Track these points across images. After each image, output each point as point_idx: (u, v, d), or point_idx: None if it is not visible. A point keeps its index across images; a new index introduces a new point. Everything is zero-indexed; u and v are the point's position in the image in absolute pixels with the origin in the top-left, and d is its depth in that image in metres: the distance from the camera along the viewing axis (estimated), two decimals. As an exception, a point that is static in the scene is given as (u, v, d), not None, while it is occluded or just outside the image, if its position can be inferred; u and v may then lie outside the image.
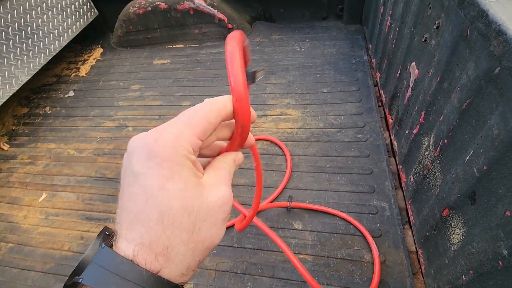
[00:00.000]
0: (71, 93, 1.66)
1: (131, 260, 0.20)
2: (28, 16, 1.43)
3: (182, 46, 1.80)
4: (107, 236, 0.22)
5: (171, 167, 0.21)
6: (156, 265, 0.20)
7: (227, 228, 0.94)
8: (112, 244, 0.21)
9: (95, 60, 1.87)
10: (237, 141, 0.28)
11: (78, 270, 0.20)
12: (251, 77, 0.28)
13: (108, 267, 0.19)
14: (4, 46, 1.32)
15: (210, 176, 0.24)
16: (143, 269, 0.20)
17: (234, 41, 0.26)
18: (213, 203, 0.22)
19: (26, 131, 1.50)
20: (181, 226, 0.21)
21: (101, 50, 1.94)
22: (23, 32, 1.41)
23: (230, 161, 0.27)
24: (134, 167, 0.21)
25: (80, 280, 0.20)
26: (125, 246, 0.20)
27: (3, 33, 1.32)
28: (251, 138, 0.29)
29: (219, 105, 0.24)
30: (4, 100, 1.32)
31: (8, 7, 1.33)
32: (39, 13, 1.48)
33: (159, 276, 0.20)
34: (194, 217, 0.21)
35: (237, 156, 0.29)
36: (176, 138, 0.21)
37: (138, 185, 0.21)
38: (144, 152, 0.21)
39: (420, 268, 0.78)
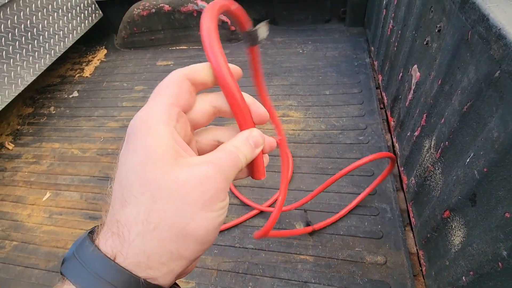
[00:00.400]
0: (75, 94, 1.68)
1: (95, 245, 0.18)
2: (34, 17, 1.45)
3: (186, 47, 1.81)
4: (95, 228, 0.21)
5: (137, 138, 0.19)
6: (112, 247, 0.18)
7: (229, 228, 0.95)
8: (95, 231, 0.21)
9: (99, 61, 1.89)
10: (237, 116, 0.24)
11: (64, 259, 0.20)
12: (252, 38, 0.27)
13: (80, 258, 0.18)
14: (11, 47, 1.34)
15: (203, 156, 0.21)
16: (100, 253, 0.18)
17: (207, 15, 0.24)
18: (183, 181, 0.18)
19: (30, 131, 1.51)
20: (138, 202, 0.18)
21: (105, 51, 1.96)
22: (29, 33, 1.43)
23: (239, 141, 0.22)
24: (130, 138, 0.20)
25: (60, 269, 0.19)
26: (101, 235, 0.19)
27: (10, 34, 1.33)
28: (256, 107, 0.25)
29: (186, 70, 0.22)
30: (10, 100, 1.33)
31: (15, 8, 1.35)
32: (45, 14, 1.50)
33: (111, 261, 0.18)
34: (153, 193, 0.18)
35: (251, 134, 0.23)
36: (144, 110, 0.20)
37: (117, 165, 0.20)
38: (127, 133, 0.20)
39: (421, 269, 0.79)
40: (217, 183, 0.19)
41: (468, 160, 0.55)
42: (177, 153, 0.19)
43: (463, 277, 0.56)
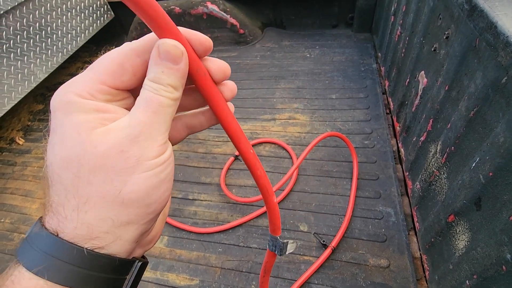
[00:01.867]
0: (85, 92, 1.71)
1: (41, 224, 0.19)
2: (48, 16, 1.48)
3: (194, 49, 1.84)
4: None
5: (56, 116, 0.19)
6: (54, 225, 0.18)
7: (234, 227, 0.96)
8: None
9: (109, 60, 1.92)
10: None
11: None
12: (280, 248, 0.31)
13: (28, 236, 0.19)
14: (25, 44, 1.38)
15: (121, 119, 0.19)
16: (44, 229, 0.18)
17: None
18: (104, 150, 0.18)
19: (40, 127, 1.54)
20: (62, 180, 0.18)
21: (115, 51, 1.99)
22: (43, 31, 1.46)
23: (149, 73, 0.19)
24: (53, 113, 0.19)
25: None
26: (48, 216, 0.19)
27: (25, 32, 1.37)
28: (212, 63, 0.22)
29: (134, 44, 0.20)
30: (22, 96, 1.36)
31: (31, 7, 1.39)
32: (59, 14, 1.54)
33: (57, 236, 0.18)
34: (75, 169, 0.18)
35: (160, 47, 0.19)
36: (66, 85, 0.19)
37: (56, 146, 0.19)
38: (57, 101, 0.19)
39: (424, 274, 0.79)
40: (140, 143, 0.18)
41: (473, 165, 0.56)
42: (97, 123, 0.18)
43: (467, 281, 0.57)
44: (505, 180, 0.48)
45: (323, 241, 0.87)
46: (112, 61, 0.19)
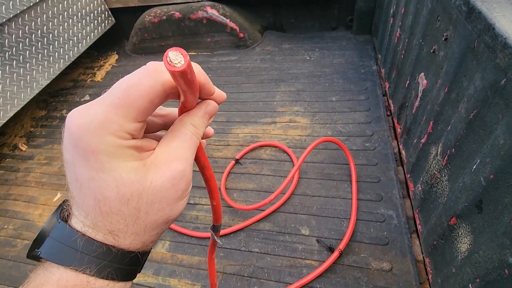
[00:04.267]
0: (87, 97, 1.72)
1: (84, 234, 0.20)
2: (50, 23, 1.50)
3: (195, 53, 1.85)
4: (63, 211, 0.21)
5: (99, 159, 0.18)
6: (107, 242, 0.20)
7: (235, 232, 0.96)
8: (67, 218, 0.21)
9: (111, 66, 1.94)
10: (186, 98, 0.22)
11: (38, 243, 0.20)
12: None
13: (65, 241, 0.20)
14: (27, 51, 1.39)
15: (161, 151, 0.21)
16: (97, 242, 0.20)
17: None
18: (159, 186, 0.20)
19: (43, 133, 1.55)
20: (122, 214, 0.20)
21: (117, 56, 2.01)
22: (45, 39, 1.48)
23: (194, 119, 0.23)
24: (64, 154, 0.19)
25: (38, 254, 0.20)
26: (75, 223, 0.20)
27: (27, 39, 1.39)
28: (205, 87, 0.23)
29: (163, 78, 0.20)
30: (25, 103, 1.38)
31: (33, 15, 1.41)
32: (60, 21, 1.56)
33: (114, 247, 0.20)
34: (136, 204, 0.20)
35: (208, 108, 0.24)
36: (101, 125, 0.18)
37: (70, 172, 0.19)
38: (69, 139, 0.19)
39: (427, 277, 0.78)
40: (186, 176, 0.22)
41: (474, 167, 0.56)
42: (139, 158, 0.20)
43: (470, 284, 0.56)
44: (506, 183, 0.47)
45: (330, 245, 0.86)
46: (143, 98, 0.19)
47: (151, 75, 0.20)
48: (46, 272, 0.20)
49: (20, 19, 1.35)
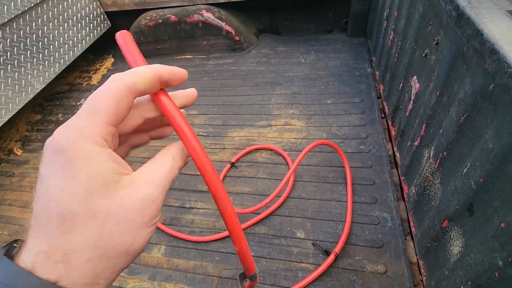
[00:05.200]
0: (83, 101, 1.71)
1: (29, 271, 0.18)
2: (45, 27, 1.50)
3: (191, 56, 1.85)
4: (13, 247, 0.20)
5: (74, 166, 0.18)
6: (55, 274, 0.18)
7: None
8: (14, 255, 0.19)
9: (107, 69, 1.94)
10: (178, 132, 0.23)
11: None
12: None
13: (4, 279, 0.17)
14: (22, 56, 1.39)
15: (138, 174, 0.21)
16: (38, 278, 0.18)
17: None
18: (129, 205, 0.20)
19: (39, 137, 1.55)
20: (84, 230, 0.18)
21: (113, 60, 2.01)
22: (40, 42, 1.48)
23: (174, 152, 0.24)
24: (40, 168, 0.19)
25: None
26: (25, 256, 0.19)
27: (22, 43, 1.38)
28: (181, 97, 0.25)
29: (129, 80, 0.21)
30: (20, 107, 1.37)
31: (27, 19, 1.40)
32: (56, 24, 1.56)
33: (54, 284, 0.18)
34: (101, 221, 0.19)
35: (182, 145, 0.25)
36: (77, 131, 0.19)
37: (42, 187, 0.19)
38: (48, 152, 0.19)
39: (422, 279, 0.79)
40: (157, 203, 0.21)
41: (465, 171, 0.56)
42: (118, 174, 0.20)
43: (462, 287, 0.57)
44: (495, 186, 0.48)
45: (326, 248, 0.86)
46: (110, 100, 0.20)
47: (113, 80, 0.21)
48: None
49: (14, 24, 1.35)
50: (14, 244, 0.20)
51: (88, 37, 1.76)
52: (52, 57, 1.54)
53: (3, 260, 0.19)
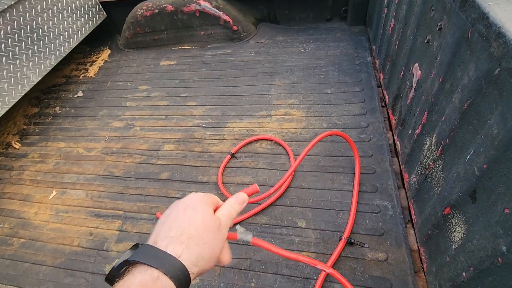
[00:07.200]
0: (80, 94, 1.70)
1: (163, 250, 0.34)
2: (39, 19, 1.47)
3: (188, 47, 1.83)
4: (138, 245, 0.35)
5: (200, 209, 0.39)
6: (179, 250, 0.34)
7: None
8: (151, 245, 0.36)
9: (103, 61, 1.91)
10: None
11: (122, 266, 0.34)
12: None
13: (155, 253, 0.33)
14: (17, 48, 1.36)
15: (219, 213, 0.41)
16: (169, 255, 0.33)
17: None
18: (211, 224, 0.38)
19: (36, 130, 1.53)
20: (198, 231, 0.37)
21: (109, 51, 1.98)
22: (35, 34, 1.45)
23: (233, 202, 0.44)
24: (189, 203, 0.39)
25: (130, 258, 0.33)
26: (160, 242, 0.34)
27: (16, 35, 1.36)
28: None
29: (240, 208, 0.44)
30: (16, 100, 1.35)
31: (21, 10, 1.37)
32: (50, 16, 1.52)
33: (178, 260, 0.33)
34: (206, 230, 0.37)
35: (239, 196, 0.45)
36: (206, 198, 0.41)
37: (184, 213, 0.38)
38: (195, 200, 0.40)
39: (422, 266, 0.79)
40: (222, 229, 0.40)
41: (468, 157, 0.56)
42: (213, 213, 0.40)
43: (464, 273, 0.57)
44: (499, 172, 0.48)
45: (352, 239, 0.86)
46: (216, 199, 0.43)
47: (236, 206, 0.44)
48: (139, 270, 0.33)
49: (8, 14, 1.31)
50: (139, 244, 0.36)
51: (83, 28, 1.73)
52: (47, 49, 1.52)
53: (144, 245, 0.35)
